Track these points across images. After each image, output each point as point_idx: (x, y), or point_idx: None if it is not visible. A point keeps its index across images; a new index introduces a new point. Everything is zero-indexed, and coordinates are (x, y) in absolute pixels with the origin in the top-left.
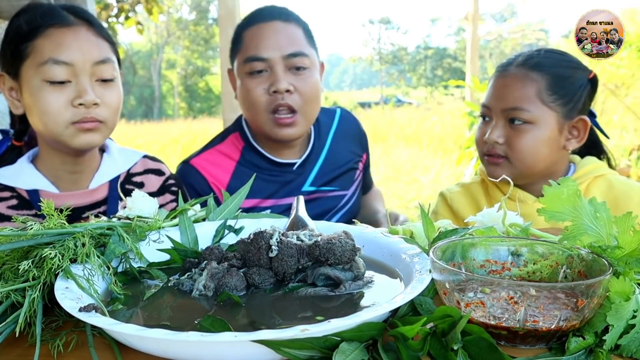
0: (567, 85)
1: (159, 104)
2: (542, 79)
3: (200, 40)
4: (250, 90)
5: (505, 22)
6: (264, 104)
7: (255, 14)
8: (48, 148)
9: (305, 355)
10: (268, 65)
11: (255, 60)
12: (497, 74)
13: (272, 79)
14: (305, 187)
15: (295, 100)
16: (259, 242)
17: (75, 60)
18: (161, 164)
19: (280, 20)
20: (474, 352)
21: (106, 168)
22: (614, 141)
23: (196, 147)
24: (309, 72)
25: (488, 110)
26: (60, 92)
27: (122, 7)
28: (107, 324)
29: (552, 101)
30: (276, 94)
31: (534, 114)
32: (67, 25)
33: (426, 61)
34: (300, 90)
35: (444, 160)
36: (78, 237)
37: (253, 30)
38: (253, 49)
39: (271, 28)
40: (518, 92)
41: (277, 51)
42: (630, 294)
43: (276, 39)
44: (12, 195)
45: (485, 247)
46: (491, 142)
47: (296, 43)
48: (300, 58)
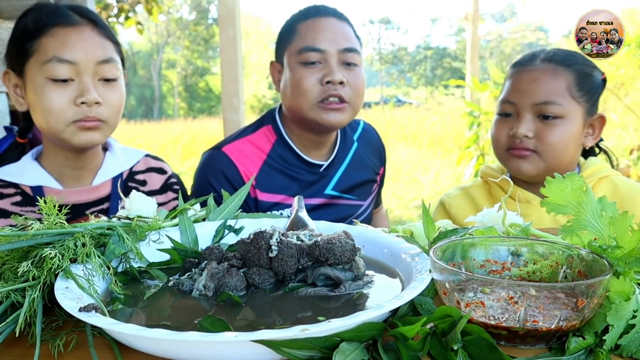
0: (590, 82)
1: (159, 104)
2: (570, 74)
3: (200, 40)
4: (302, 78)
5: (505, 22)
6: (315, 93)
7: (311, 9)
8: (52, 145)
9: (305, 355)
10: (323, 57)
11: (311, 51)
12: (518, 69)
13: (327, 70)
14: (327, 190)
15: (346, 92)
16: (259, 242)
17: (79, 59)
18: (163, 163)
19: (335, 17)
20: (474, 352)
21: (109, 165)
22: (614, 141)
23: (196, 147)
24: (359, 69)
25: (511, 106)
26: (63, 90)
27: (122, 7)
28: (107, 324)
29: (579, 96)
30: (329, 85)
31: (565, 108)
32: (72, 24)
33: (426, 61)
34: (352, 83)
35: (444, 160)
36: (78, 237)
37: (309, 23)
38: (310, 40)
39: (328, 23)
40: (549, 85)
41: (334, 45)
42: (630, 294)
43: (333, 34)
44: (17, 192)
45: (485, 247)
46: (520, 136)
47: (350, 40)
48: (352, 54)
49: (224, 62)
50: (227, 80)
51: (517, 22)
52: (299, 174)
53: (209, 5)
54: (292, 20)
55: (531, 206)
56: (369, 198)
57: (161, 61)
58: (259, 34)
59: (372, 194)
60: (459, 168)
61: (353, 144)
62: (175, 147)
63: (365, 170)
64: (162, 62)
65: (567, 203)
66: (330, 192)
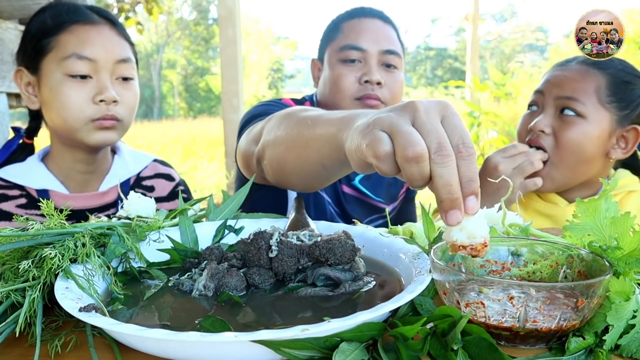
0: (627, 90)
1: (159, 104)
2: (603, 77)
3: (200, 40)
4: (341, 75)
5: (505, 22)
6: (353, 91)
7: (357, 10)
8: (60, 146)
9: (305, 355)
10: (363, 56)
11: (352, 49)
12: (556, 67)
13: (366, 69)
14: (355, 181)
15: (384, 93)
16: (259, 242)
17: (98, 57)
18: (171, 169)
19: (380, 19)
20: (474, 352)
21: (117, 170)
22: None
23: (196, 147)
24: (398, 72)
25: (540, 97)
26: (81, 87)
27: (122, 7)
28: (107, 324)
29: (609, 102)
30: (367, 84)
31: (588, 108)
32: (91, 23)
33: (426, 61)
34: (390, 85)
35: None
36: (78, 237)
37: (354, 22)
38: (353, 38)
39: (372, 24)
40: (577, 83)
41: (376, 45)
42: (630, 294)
43: (376, 34)
44: (22, 194)
45: None
46: (537, 130)
47: (392, 42)
48: (393, 57)
49: (224, 62)
50: (227, 80)
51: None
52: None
53: (209, 5)
54: (337, 20)
55: (558, 208)
56: (395, 202)
57: (161, 61)
58: (259, 34)
59: (399, 199)
60: None
61: None
62: (176, 147)
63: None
64: (162, 62)
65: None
66: (357, 185)
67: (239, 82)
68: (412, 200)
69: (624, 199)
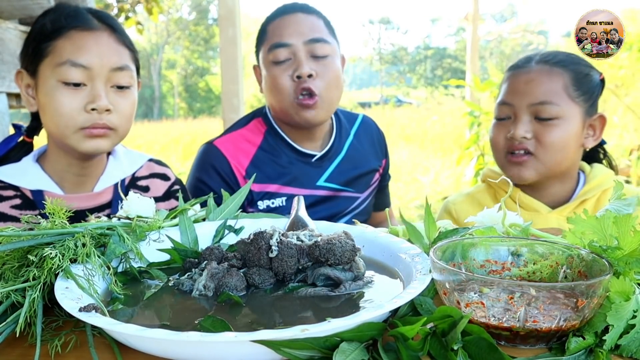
0: (588, 82)
1: (159, 104)
2: (566, 74)
3: (200, 40)
4: (275, 77)
5: (505, 22)
6: (289, 90)
7: (279, 9)
8: (56, 149)
9: (305, 355)
10: (291, 52)
11: (279, 47)
12: (514, 72)
13: (296, 65)
14: (320, 181)
15: (316, 84)
16: (259, 242)
17: (93, 64)
18: (167, 169)
19: (302, 12)
20: (474, 352)
21: (112, 171)
22: (614, 141)
23: (196, 147)
24: (331, 59)
25: (509, 108)
26: (74, 95)
27: (122, 7)
28: (107, 324)
29: (577, 96)
30: (300, 80)
31: (563, 108)
32: (90, 29)
33: (426, 61)
34: (322, 75)
35: (444, 160)
36: (78, 237)
37: (277, 21)
38: (277, 37)
39: (294, 18)
40: (545, 86)
41: (300, 37)
42: (630, 294)
43: (298, 27)
44: (16, 195)
45: (485, 247)
46: (518, 137)
47: (317, 31)
48: (321, 44)
49: (224, 63)
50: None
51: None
52: (291, 163)
53: (209, 5)
54: (264, 23)
55: (539, 215)
56: (368, 190)
57: (161, 61)
58: None
59: (372, 187)
60: (459, 168)
61: (349, 137)
62: (176, 147)
63: (364, 163)
64: (162, 62)
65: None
66: (323, 184)
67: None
68: (386, 188)
69: (602, 197)
